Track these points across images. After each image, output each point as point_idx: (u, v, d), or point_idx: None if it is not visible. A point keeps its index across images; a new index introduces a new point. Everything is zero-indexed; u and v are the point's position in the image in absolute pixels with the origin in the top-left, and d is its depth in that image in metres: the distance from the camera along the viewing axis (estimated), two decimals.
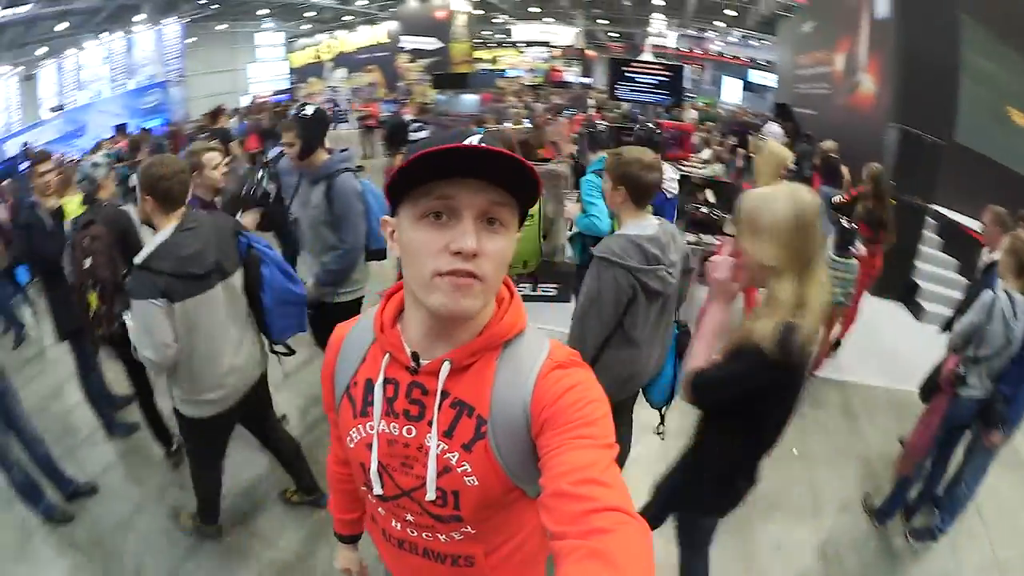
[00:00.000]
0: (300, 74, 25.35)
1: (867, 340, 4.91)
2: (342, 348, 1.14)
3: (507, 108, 12.21)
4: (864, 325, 4.77)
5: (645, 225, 2.36)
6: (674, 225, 2.66)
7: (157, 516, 3.42)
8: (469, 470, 0.98)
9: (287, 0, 21.87)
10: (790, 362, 1.62)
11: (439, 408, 0.98)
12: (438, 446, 0.98)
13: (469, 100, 13.48)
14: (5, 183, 10.01)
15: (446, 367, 0.97)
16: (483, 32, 26.80)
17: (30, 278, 4.87)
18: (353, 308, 3.28)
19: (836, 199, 5.47)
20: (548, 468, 0.86)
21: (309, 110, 3.08)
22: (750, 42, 21.21)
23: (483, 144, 0.82)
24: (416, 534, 1.08)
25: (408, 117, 11.23)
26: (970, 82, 7.86)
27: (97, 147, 11.93)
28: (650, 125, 4.71)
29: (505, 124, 8.85)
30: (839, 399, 4.07)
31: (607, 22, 25.46)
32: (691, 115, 12.00)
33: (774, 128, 10.34)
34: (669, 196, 4.25)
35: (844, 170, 7.75)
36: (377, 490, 1.05)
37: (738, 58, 21.71)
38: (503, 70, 25.03)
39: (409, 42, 22.71)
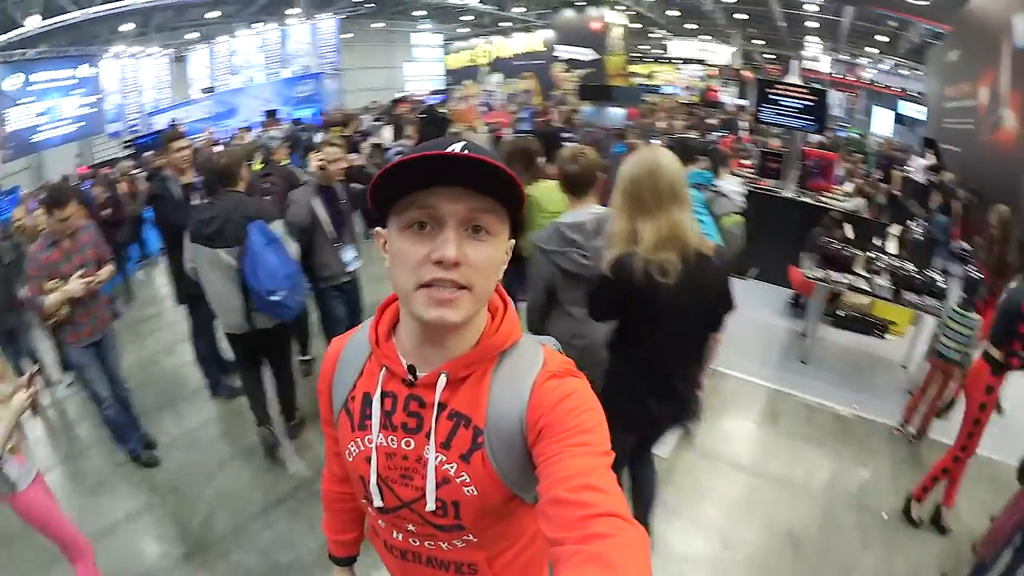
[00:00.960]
0: (456, 76, 26.45)
1: None
2: (339, 362, 1.16)
3: (653, 124, 12.15)
4: None
5: (578, 213, 2.66)
6: None
7: (239, 475, 3.77)
8: (468, 480, 1.01)
9: (444, 2, 22.95)
10: (627, 282, 2.07)
11: (436, 420, 1.01)
12: (436, 457, 1.01)
13: (615, 113, 13.57)
14: (148, 155, 11.31)
15: (443, 379, 1.01)
16: (639, 46, 26.90)
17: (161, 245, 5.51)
18: None
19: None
20: (545, 475, 0.89)
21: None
22: (901, 71, 20.00)
23: (465, 151, 0.86)
24: (418, 543, 1.12)
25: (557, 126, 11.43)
26: None
27: (243, 130, 13.01)
28: (718, 147, 4.83)
29: (651, 140, 8.90)
30: None
31: (763, 43, 25.02)
32: (815, 139, 11.42)
33: (919, 162, 9.75)
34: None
35: (956, 206, 7.59)
36: (377, 503, 1.09)
37: (889, 87, 20.45)
38: (659, 86, 24.93)
39: (564, 51, 23.12)
